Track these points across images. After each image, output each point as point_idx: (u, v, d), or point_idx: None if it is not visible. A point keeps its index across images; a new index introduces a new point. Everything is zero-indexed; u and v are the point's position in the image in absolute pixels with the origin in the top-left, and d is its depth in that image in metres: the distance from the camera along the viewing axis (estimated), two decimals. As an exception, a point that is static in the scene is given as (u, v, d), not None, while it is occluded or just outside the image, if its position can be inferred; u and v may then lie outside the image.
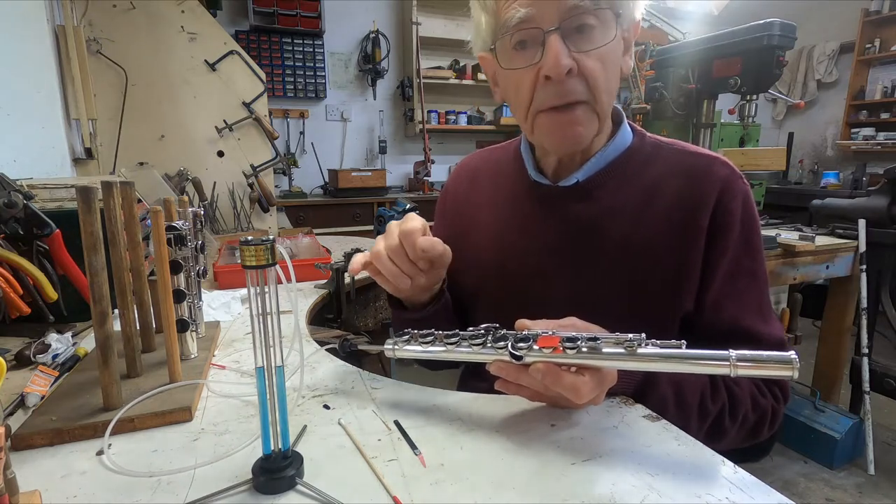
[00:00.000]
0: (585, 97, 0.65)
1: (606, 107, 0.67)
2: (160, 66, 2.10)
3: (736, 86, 1.58)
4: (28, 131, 1.56)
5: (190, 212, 0.74)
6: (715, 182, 0.69)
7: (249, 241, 0.42)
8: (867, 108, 4.38)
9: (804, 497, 1.84)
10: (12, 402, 0.62)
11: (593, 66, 0.63)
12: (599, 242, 0.71)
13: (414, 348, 0.60)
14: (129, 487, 0.46)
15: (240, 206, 2.27)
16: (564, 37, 0.61)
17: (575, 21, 0.61)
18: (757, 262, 0.71)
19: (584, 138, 0.68)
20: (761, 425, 0.69)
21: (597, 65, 0.63)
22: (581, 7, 0.60)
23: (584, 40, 0.62)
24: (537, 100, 0.66)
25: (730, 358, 0.46)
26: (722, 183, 0.69)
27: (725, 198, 0.68)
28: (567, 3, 0.60)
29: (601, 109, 0.66)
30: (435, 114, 4.16)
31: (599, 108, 0.66)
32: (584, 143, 0.69)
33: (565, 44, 0.61)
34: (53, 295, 0.84)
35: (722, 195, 0.68)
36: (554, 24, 0.61)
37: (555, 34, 0.61)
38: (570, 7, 0.60)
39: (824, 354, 2.20)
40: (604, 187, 0.72)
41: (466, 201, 0.87)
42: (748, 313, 0.69)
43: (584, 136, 0.68)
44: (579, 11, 0.60)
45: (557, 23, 0.61)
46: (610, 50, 0.63)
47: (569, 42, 0.62)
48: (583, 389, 0.51)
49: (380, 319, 1.54)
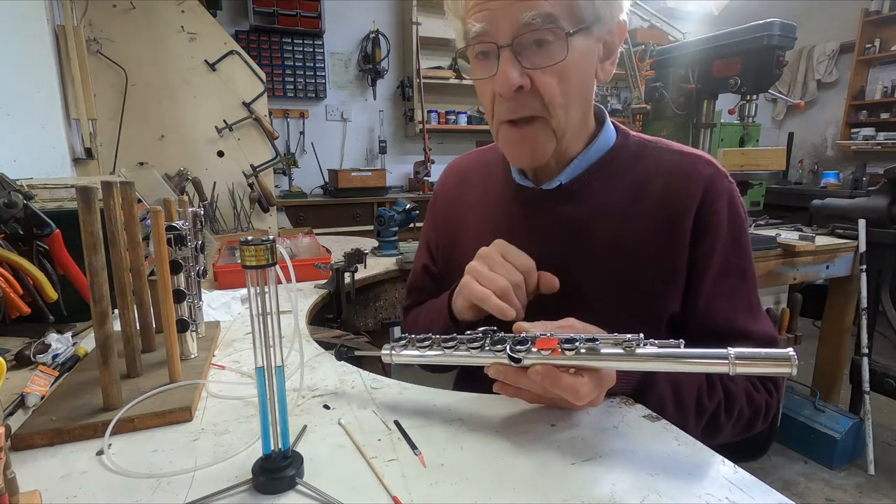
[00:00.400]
0: (540, 112, 0.64)
1: (565, 122, 0.65)
2: (160, 66, 2.10)
3: (736, 86, 1.58)
4: (28, 131, 1.56)
5: (190, 212, 0.74)
6: (699, 182, 0.69)
7: (249, 241, 0.42)
8: (867, 108, 4.38)
9: (804, 497, 1.84)
10: (12, 402, 0.62)
11: (548, 82, 0.61)
12: (586, 243, 0.71)
13: (411, 353, 0.60)
14: (129, 487, 0.46)
15: (240, 206, 2.27)
16: (518, 53, 0.60)
17: (529, 38, 0.60)
18: (745, 261, 0.71)
19: (541, 154, 0.68)
20: (756, 419, 0.70)
21: (552, 81, 0.61)
22: (532, 25, 0.59)
23: (542, 55, 0.60)
24: (497, 111, 0.66)
25: (729, 356, 0.46)
26: (706, 182, 0.69)
27: (710, 197, 0.68)
28: (519, 21, 0.59)
29: (557, 125, 0.65)
30: (435, 114, 4.16)
31: (556, 124, 0.65)
32: (542, 158, 0.68)
33: (518, 60, 0.60)
34: (53, 295, 0.84)
35: (706, 195, 0.68)
36: (507, 41, 0.60)
37: (507, 51, 0.60)
38: (522, 24, 0.59)
39: (824, 354, 2.20)
40: (589, 188, 0.72)
41: (456, 203, 0.87)
42: (739, 312, 0.70)
43: (541, 153, 0.67)
44: (531, 29, 0.59)
45: (510, 39, 0.60)
46: (570, 65, 0.61)
47: (523, 58, 0.61)
48: (582, 391, 0.51)
49: (380, 319, 1.54)
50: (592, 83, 0.67)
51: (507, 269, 0.64)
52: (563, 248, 0.72)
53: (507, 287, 0.62)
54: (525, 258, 0.65)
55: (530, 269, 0.64)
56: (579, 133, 0.71)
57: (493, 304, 0.61)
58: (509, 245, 0.66)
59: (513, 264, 0.64)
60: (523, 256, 0.65)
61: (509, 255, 0.65)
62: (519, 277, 0.64)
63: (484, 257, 0.66)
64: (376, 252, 1.66)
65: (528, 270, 0.64)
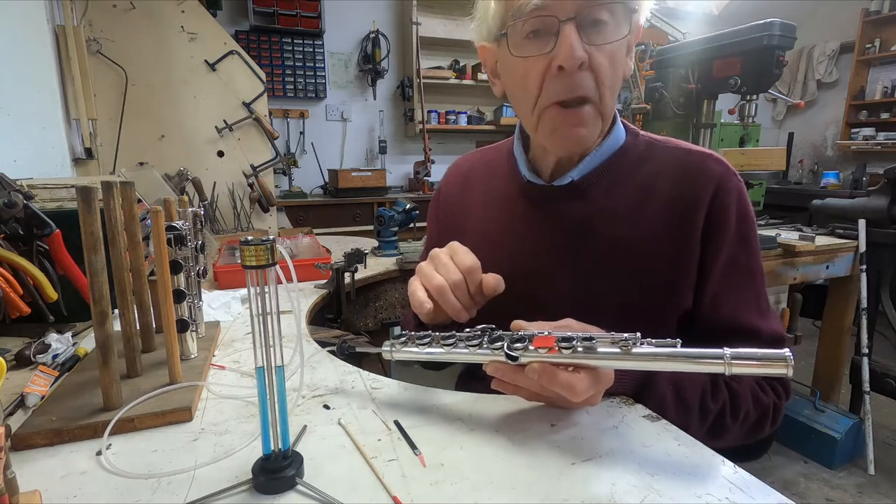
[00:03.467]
0: (593, 93, 0.64)
1: (609, 107, 0.67)
2: (160, 66, 2.10)
3: (736, 86, 1.58)
4: (28, 131, 1.56)
5: (190, 212, 0.74)
6: (709, 179, 0.69)
7: (249, 241, 0.42)
8: (867, 108, 4.38)
9: (804, 497, 1.84)
10: (12, 402, 0.62)
11: (602, 61, 0.63)
12: (594, 242, 0.71)
13: (411, 350, 0.60)
14: (129, 487, 0.46)
15: (240, 206, 2.27)
16: (579, 28, 0.61)
17: (590, 14, 0.61)
18: (753, 258, 0.71)
19: (588, 139, 0.68)
20: (763, 422, 0.70)
21: (605, 61, 0.63)
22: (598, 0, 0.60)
23: (597, 34, 0.62)
24: (546, 92, 0.65)
25: (724, 356, 0.46)
26: (717, 180, 0.69)
27: (720, 195, 0.68)
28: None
29: (605, 110, 0.66)
30: (435, 114, 4.16)
31: (604, 108, 0.66)
32: (587, 144, 0.70)
33: (579, 35, 0.61)
34: (53, 295, 0.84)
35: (717, 192, 0.68)
36: (570, 14, 0.60)
37: (570, 24, 0.60)
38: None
39: (824, 354, 2.20)
40: (597, 186, 0.72)
41: (459, 202, 0.87)
42: (746, 309, 0.70)
43: (588, 138, 0.68)
44: (595, 3, 0.60)
45: (573, 13, 0.60)
46: (619, 47, 0.64)
47: (582, 34, 0.61)
48: (578, 386, 0.51)
49: (380, 319, 1.54)
50: (622, 75, 0.67)
51: (447, 269, 0.64)
52: (569, 246, 0.72)
53: (441, 285, 0.62)
54: (469, 257, 0.64)
55: (470, 268, 0.63)
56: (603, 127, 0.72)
57: (416, 298, 0.62)
58: (459, 246, 0.66)
59: (457, 265, 0.64)
60: (468, 255, 0.64)
61: (456, 255, 0.65)
62: (457, 276, 0.63)
63: (432, 257, 0.66)
64: (376, 252, 1.66)
65: (468, 269, 0.63)
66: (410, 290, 0.65)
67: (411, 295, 0.64)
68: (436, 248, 0.67)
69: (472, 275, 0.63)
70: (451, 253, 0.65)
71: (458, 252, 0.65)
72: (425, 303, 0.62)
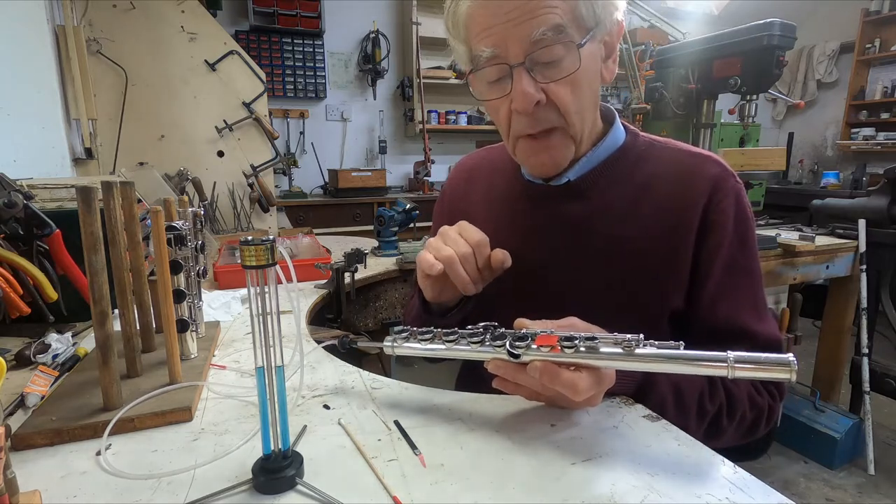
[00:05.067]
0: (558, 123, 0.66)
1: (580, 128, 0.68)
2: (160, 66, 2.10)
3: (736, 86, 1.58)
4: (28, 131, 1.56)
5: (190, 212, 0.74)
6: (706, 181, 0.69)
7: (249, 241, 0.42)
8: (867, 108, 4.39)
9: (804, 497, 1.84)
10: (12, 402, 0.62)
11: (563, 92, 0.63)
12: (591, 240, 0.71)
13: (413, 345, 0.60)
14: (129, 487, 0.46)
15: (240, 206, 2.27)
16: (531, 69, 0.62)
17: (541, 56, 0.61)
18: (752, 260, 0.71)
19: (562, 161, 0.70)
20: (758, 423, 0.70)
21: (566, 91, 0.63)
22: (544, 41, 0.60)
23: (554, 69, 0.62)
24: (514, 126, 0.68)
25: (728, 360, 0.46)
26: (713, 182, 0.69)
27: (717, 196, 0.68)
28: (530, 38, 0.60)
29: (575, 132, 0.68)
30: (435, 114, 4.16)
31: (573, 131, 0.67)
32: (562, 165, 0.71)
33: (532, 76, 0.62)
34: (53, 295, 0.84)
35: (713, 194, 0.68)
36: (519, 59, 0.61)
37: (521, 69, 0.61)
38: (533, 42, 0.60)
39: (824, 354, 2.20)
40: (595, 186, 0.73)
41: (463, 199, 0.88)
42: (743, 311, 0.70)
43: (561, 160, 0.70)
44: (543, 45, 0.60)
45: (522, 57, 0.61)
46: (581, 72, 0.63)
47: (537, 73, 0.62)
48: (580, 385, 0.50)
49: (380, 319, 1.54)
50: (598, 85, 0.68)
51: (456, 242, 0.66)
52: (568, 244, 0.73)
53: (450, 255, 0.64)
54: (477, 233, 0.67)
55: (479, 242, 0.66)
56: (590, 134, 0.72)
57: (425, 260, 0.64)
58: (467, 224, 0.68)
59: (465, 239, 0.66)
60: (476, 232, 0.67)
61: (464, 231, 0.67)
62: (467, 249, 0.65)
63: (441, 233, 0.68)
64: (376, 252, 1.66)
65: (477, 244, 0.66)
66: (418, 259, 0.67)
67: (419, 261, 0.66)
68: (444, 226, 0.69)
69: (480, 248, 0.66)
70: (459, 230, 0.68)
71: (466, 228, 0.67)
72: (435, 264, 0.63)
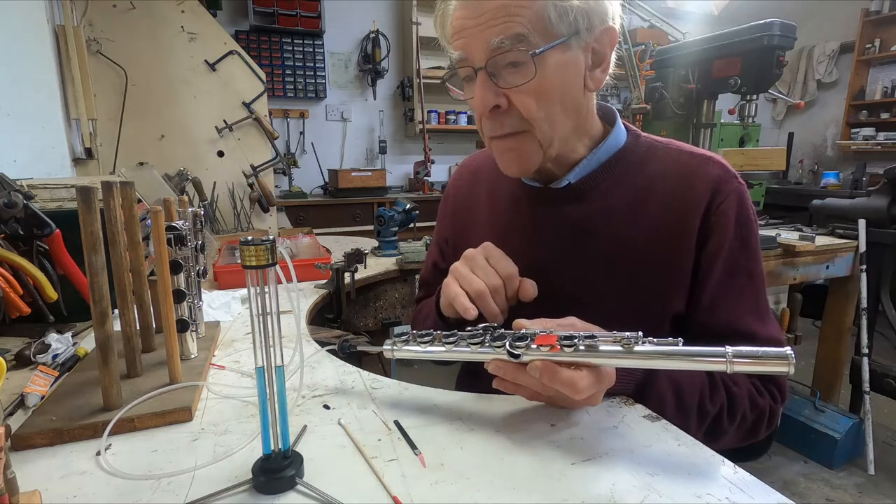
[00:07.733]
0: (524, 127, 0.65)
1: (550, 134, 0.66)
2: (160, 66, 2.10)
3: (736, 86, 1.58)
4: (28, 131, 1.56)
5: (190, 212, 0.74)
6: (707, 182, 0.69)
7: (249, 241, 0.42)
8: (867, 108, 4.38)
9: (804, 497, 1.84)
10: (12, 402, 0.62)
11: (524, 99, 0.63)
12: (593, 242, 0.71)
13: (413, 348, 0.60)
14: (129, 487, 0.46)
15: (240, 206, 2.27)
16: (494, 74, 0.62)
17: (503, 59, 0.61)
18: (753, 262, 0.70)
19: (527, 164, 0.69)
20: (759, 425, 0.69)
21: (528, 98, 0.62)
22: (503, 48, 0.60)
23: (515, 75, 0.61)
24: (484, 129, 0.69)
25: (726, 354, 0.46)
26: (714, 183, 0.68)
27: (718, 198, 0.68)
28: (489, 45, 0.60)
29: (543, 137, 0.65)
30: (435, 114, 4.16)
31: (542, 136, 0.65)
32: (530, 168, 0.69)
33: (493, 81, 0.62)
34: (53, 295, 0.84)
35: (714, 195, 0.68)
36: (481, 64, 0.62)
37: (482, 73, 0.62)
38: (492, 48, 0.60)
39: (824, 354, 2.20)
40: (597, 188, 0.72)
41: (467, 200, 0.88)
42: (744, 313, 0.69)
43: (526, 163, 0.69)
44: (502, 51, 0.60)
45: (483, 62, 0.61)
46: (545, 80, 0.61)
47: (499, 78, 0.62)
48: (580, 384, 0.50)
49: (380, 319, 1.54)
50: (579, 93, 0.66)
51: (486, 273, 0.64)
52: (570, 246, 0.73)
53: (482, 290, 0.63)
54: (507, 263, 0.65)
55: (511, 275, 0.65)
56: (575, 139, 0.71)
57: (460, 303, 0.63)
58: (495, 248, 0.67)
59: (494, 268, 0.65)
60: (506, 261, 0.65)
61: (492, 258, 0.66)
62: (498, 282, 0.64)
63: (468, 259, 0.67)
64: (376, 252, 1.66)
65: (508, 276, 0.65)
66: (448, 291, 0.65)
67: (453, 298, 0.64)
68: (470, 249, 0.68)
69: (511, 281, 0.65)
70: (486, 255, 0.66)
71: (494, 255, 0.66)
72: (471, 309, 0.62)
